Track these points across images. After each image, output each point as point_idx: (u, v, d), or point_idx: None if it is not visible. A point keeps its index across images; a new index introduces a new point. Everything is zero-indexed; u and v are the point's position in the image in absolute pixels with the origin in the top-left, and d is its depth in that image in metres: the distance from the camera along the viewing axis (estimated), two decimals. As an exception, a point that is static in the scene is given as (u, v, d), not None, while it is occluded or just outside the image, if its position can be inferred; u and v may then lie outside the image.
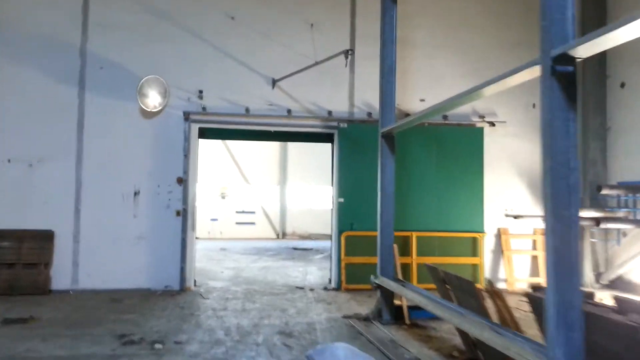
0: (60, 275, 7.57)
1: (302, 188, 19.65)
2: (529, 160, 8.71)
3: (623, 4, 8.34)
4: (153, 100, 7.76)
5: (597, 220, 6.66)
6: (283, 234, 19.25)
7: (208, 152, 16.64)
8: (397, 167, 6.40)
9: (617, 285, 8.13)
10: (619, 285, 8.11)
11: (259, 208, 19.26)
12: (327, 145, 8.92)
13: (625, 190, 7.65)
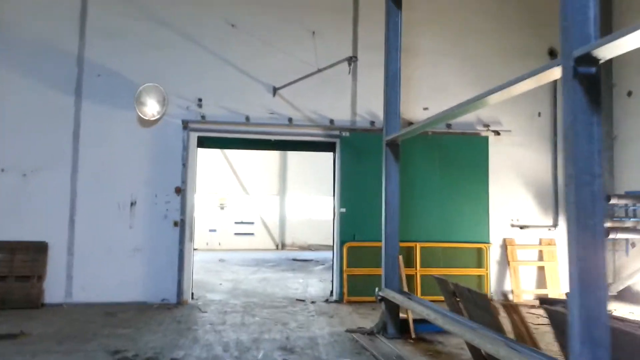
0: (54, 288, 7.34)
1: (301, 198, 19.46)
2: (535, 170, 8.57)
3: (629, 8, 8.20)
4: (151, 109, 7.60)
5: (605, 231, 6.48)
6: (282, 245, 19.01)
7: (206, 161, 16.46)
8: (400, 176, 6.22)
9: (625, 297, 7.94)
10: (627, 297, 7.92)
11: (258, 218, 19.05)
12: (327, 155, 8.77)
13: (634, 200, 7.51)
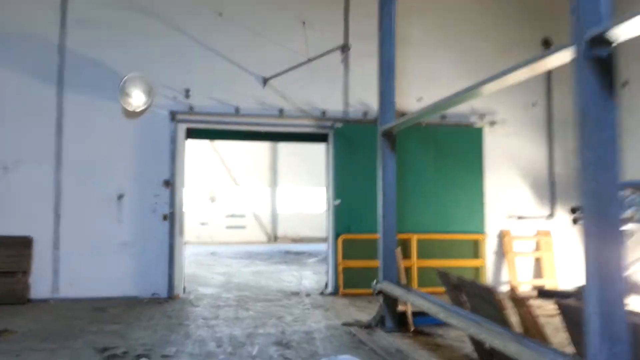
0: (40, 284, 7.11)
1: (293, 190, 19.28)
2: (531, 161, 8.49)
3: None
4: (137, 100, 7.30)
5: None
6: (274, 238, 18.85)
7: (195, 154, 16.19)
8: (395, 168, 6.08)
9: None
10: (625, 287, 7.89)
11: (250, 211, 18.86)
12: (318, 146, 8.61)
13: (631, 190, 7.46)
